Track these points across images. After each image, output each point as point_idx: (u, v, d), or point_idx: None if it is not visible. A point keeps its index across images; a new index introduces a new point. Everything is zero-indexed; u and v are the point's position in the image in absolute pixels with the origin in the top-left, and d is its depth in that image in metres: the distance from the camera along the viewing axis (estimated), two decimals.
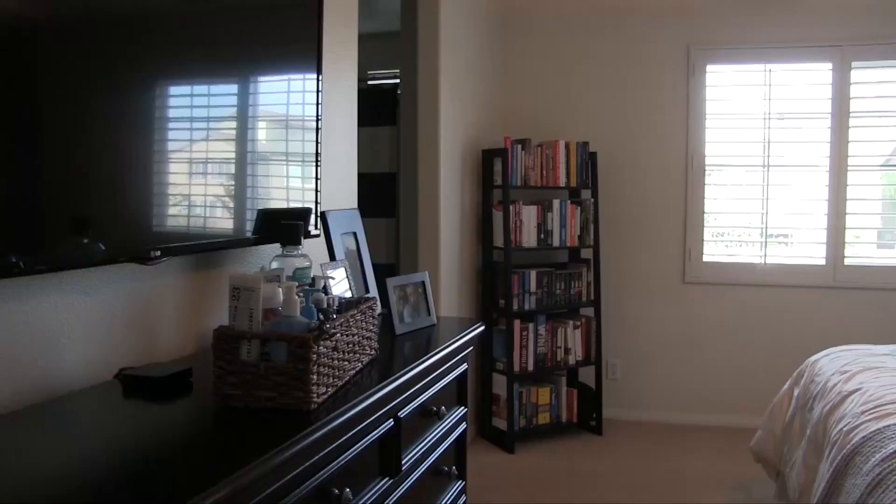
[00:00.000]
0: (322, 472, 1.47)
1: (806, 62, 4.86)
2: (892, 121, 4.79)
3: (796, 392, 3.46)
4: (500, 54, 5.04)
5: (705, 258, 4.97)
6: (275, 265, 1.95)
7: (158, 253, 1.73)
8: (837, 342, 3.76)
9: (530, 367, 4.57)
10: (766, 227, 4.89)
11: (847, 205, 4.79)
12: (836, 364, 3.24)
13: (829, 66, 4.79)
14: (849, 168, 4.78)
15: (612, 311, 4.98)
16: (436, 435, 2.16)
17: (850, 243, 4.89)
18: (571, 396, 4.74)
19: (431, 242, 4.11)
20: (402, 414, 1.88)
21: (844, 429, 2.63)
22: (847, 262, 4.82)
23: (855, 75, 4.77)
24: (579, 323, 4.74)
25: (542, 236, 4.59)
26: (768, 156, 4.82)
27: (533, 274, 4.56)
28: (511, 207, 4.45)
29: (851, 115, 4.77)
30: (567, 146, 4.63)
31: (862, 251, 4.97)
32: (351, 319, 1.74)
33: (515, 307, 4.50)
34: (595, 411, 4.78)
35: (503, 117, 5.03)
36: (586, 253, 4.84)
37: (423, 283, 2.46)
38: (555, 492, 3.91)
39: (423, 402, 2.05)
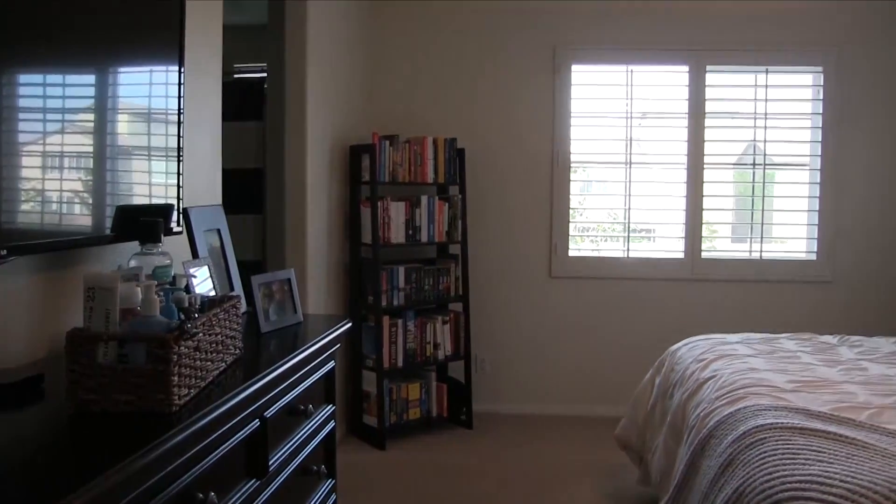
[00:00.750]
0: (185, 476, 1.42)
1: (664, 64, 5.06)
2: (744, 122, 5.05)
3: (657, 381, 3.61)
4: (370, 50, 5.01)
5: (571, 253, 5.10)
6: (133, 263, 1.86)
7: (5, 252, 1.62)
8: (696, 332, 3.93)
9: (400, 363, 4.57)
10: (629, 223, 5.08)
11: (704, 201, 5.03)
12: (693, 353, 3.39)
13: (686, 68, 5.01)
14: (705, 166, 5.01)
15: (481, 305, 5.04)
16: (304, 434, 2.13)
17: (706, 237, 5.15)
18: (441, 391, 4.77)
19: (299, 239, 4.04)
20: (268, 414, 1.84)
21: (701, 414, 2.75)
22: (704, 255, 5.07)
23: (710, 78, 5.01)
24: (448, 318, 4.77)
25: (411, 232, 4.59)
26: (630, 153, 5.00)
27: (401, 270, 4.56)
28: (379, 203, 4.44)
29: (707, 116, 5.01)
30: (435, 142, 4.65)
31: (719, 245, 5.25)
32: (214, 318, 1.69)
33: (384, 303, 4.49)
34: (465, 405, 4.83)
35: (372, 113, 5.00)
36: (454, 248, 4.88)
37: (288, 280, 2.41)
38: (427, 487, 3.92)
39: (289, 401, 2.01)
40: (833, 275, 5.04)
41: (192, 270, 2.14)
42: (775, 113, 5.02)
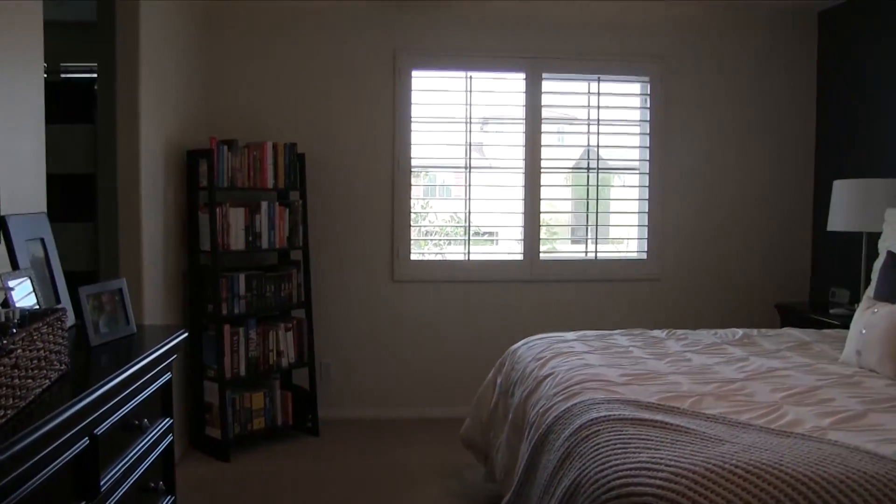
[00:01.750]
0: None
1: (502, 71, 5.19)
2: (579, 128, 5.26)
3: (499, 380, 3.69)
4: (208, 52, 4.86)
5: (414, 256, 5.14)
6: None
7: None
8: (535, 331, 4.06)
9: (242, 373, 4.47)
10: (470, 226, 5.17)
11: (541, 204, 5.20)
12: (532, 352, 3.50)
13: (523, 75, 5.16)
14: (542, 170, 5.18)
15: (324, 311, 5.00)
16: (139, 450, 2.04)
17: (546, 239, 5.32)
18: (286, 399, 4.70)
19: (133, 247, 3.86)
20: (98, 431, 1.75)
21: (540, 410, 2.84)
22: (542, 256, 5.24)
23: (546, 85, 5.18)
24: (291, 325, 4.70)
25: (251, 239, 4.49)
26: (470, 158, 5.09)
27: (242, 277, 4.46)
28: (218, 210, 4.32)
29: (543, 121, 5.18)
30: (275, 147, 4.57)
31: (559, 246, 5.44)
32: (35, 333, 1.59)
33: (225, 312, 4.37)
34: (311, 413, 4.78)
35: (210, 117, 4.86)
36: (296, 254, 4.82)
37: (120, 290, 2.31)
38: (273, 497, 3.84)
39: (123, 417, 1.92)
40: (662, 273, 5.34)
41: (10, 283, 2.00)
42: (608, 119, 5.26)
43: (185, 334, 2.39)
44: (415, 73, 5.07)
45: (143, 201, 3.88)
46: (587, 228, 5.28)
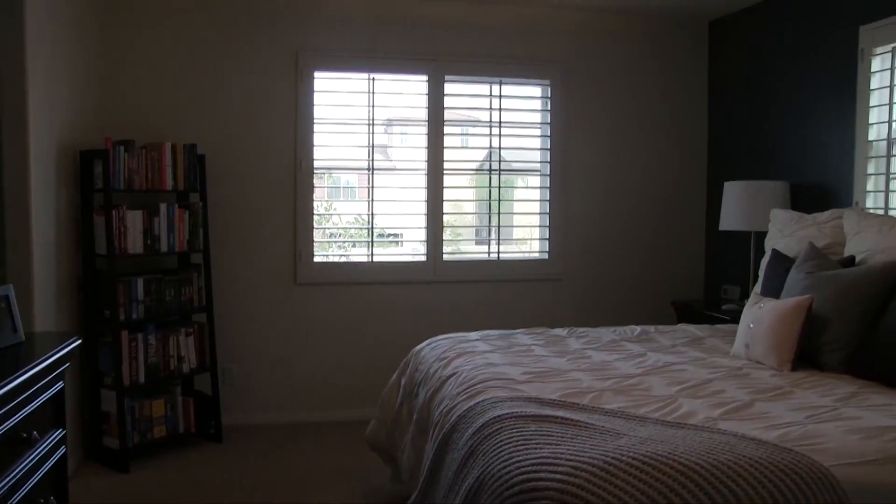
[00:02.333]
0: None
1: (405, 73, 5.20)
2: (482, 130, 5.32)
3: (403, 381, 3.70)
4: (104, 48, 4.68)
5: (316, 259, 5.10)
6: None
7: None
8: (439, 332, 4.07)
9: (142, 380, 4.35)
10: (373, 228, 5.16)
11: (444, 205, 5.23)
12: (436, 352, 3.52)
13: (425, 77, 5.19)
14: (445, 172, 5.22)
15: (226, 315, 4.91)
16: (28, 464, 1.96)
17: (451, 240, 5.37)
18: (188, 406, 4.59)
19: (22, 252, 3.69)
20: None
21: (444, 410, 2.86)
22: (445, 257, 5.27)
23: (448, 88, 5.22)
24: (192, 330, 4.60)
25: (150, 242, 4.37)
26: (372, 160, 5.08)
27: (140, 281, 4.33)
28: (114, 212, 4.19)
29: (446, 123, 5.22)
30: (174, 148, 4.46)
31: (463, 247, 5.49)
32: None
33: (122, 317, 4.25)
34: (213, 419, 4.69)
35: (104, 117, 4.68)
36: (197, 258, 4.71)
37: (6, 297, 2.22)
38: None
39: (9, 429, 1.85)
40: (563, 272, 5.45)
41: None
42: (510, 122, 5.34)
43: (79, 342, 2.32)
44: (317, 74, 5.03)
45: (33, 203, 3.72)
46: (489, 229, 5.35)
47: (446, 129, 5.23)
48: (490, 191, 5.30)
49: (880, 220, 3.51)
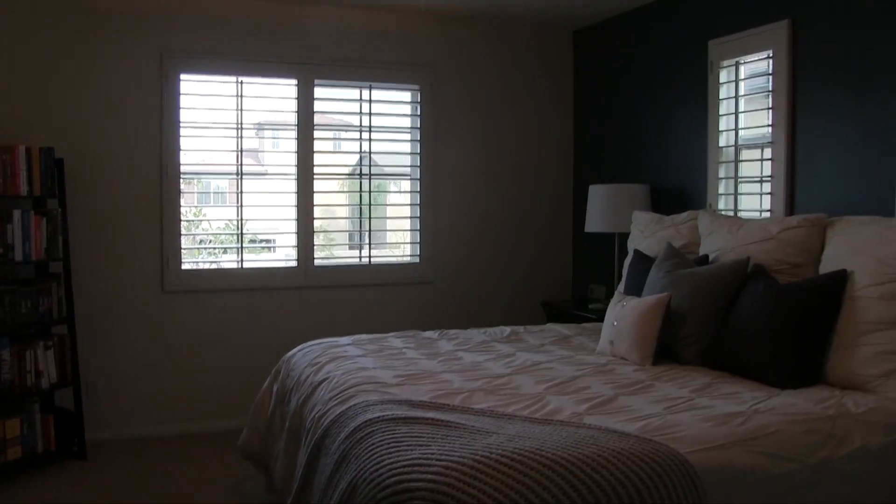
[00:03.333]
0: None
1: (274, 77, 5.12)
2: (353, 135, 5.31)
3: (275, 388, 3.66)
4: None
5: (184, 266, 4.96)
6: None
7: None
8: (312, 337, 4.04)
9: None
10: (242, 233, 5.06)
11: (315, 210, 5.19)
12: (307, 358, 3.49)
13: (295, 81, 5.13)
14: (316, 177, 5.18)
15: (90, 326, 4.70)
16: None
17: (325, 245, 5.33)
18: (48, 423, 4.36)
19: None
20: None
21: (316, 415, 2.85)
22: (317, 262, 5.23)
23: (318, 92, 5.18)
24: (51, 342, 4.38)
25: (2, 251, 4.14)
26: (241, 164, 4.99)
27: None
28: None
29: (316, 128, 5.18)
30: (29, 151, 4.24)
31: (337, 252, 5.45)
32: None
33: None
34: (76, 436, 4.48)
35: None
36: (56, 266, 4.49)
37: None
38: None
39: None
40: (434, 275, 5.51)
41: None
42: (380, 126, 5.36)
43: None
44: (183, 77, 4.90)
45: None
46: (360, 234, 5.35)
47: (318, 134, 5.20)
48: (361, 195, 5.30)
49: (730, 221, 3.73)
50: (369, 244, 5.36)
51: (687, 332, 3.31)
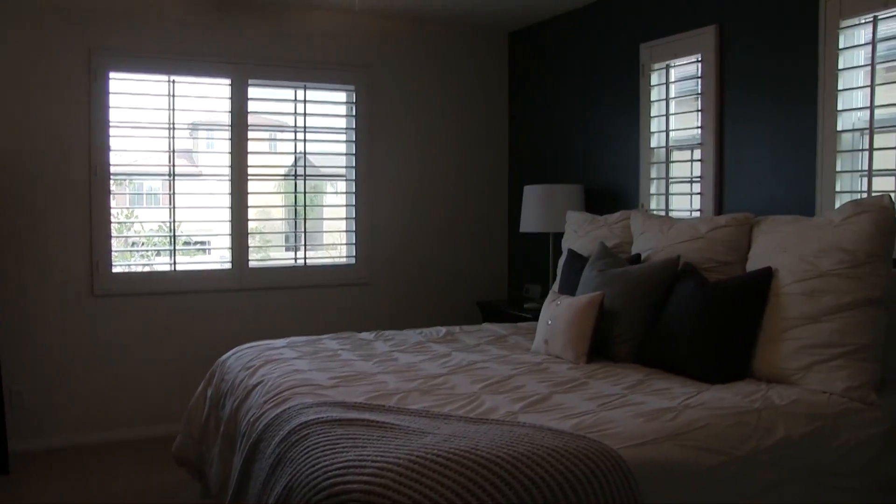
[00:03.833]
0: None
1: (207, 77, 5.03)
2: (288, 136, 5.25)
3: (209, 392, 3.60)
4: None
5: (115, 269, 4.86)
6: None
7: None
8: (247, 340, 4.00)
9: None
10: (175, 235, 4.97)
11: (249, 212, 5.13)
12: (241, 361, 3.45)
13: (228, 81, 5.06)
14: (251, 178, 5.12)
15: (14, 333, 4.56)
16: None
17: (260, 247, 5.27)
18: None
19: None
20: None
21: (250, 419, 2.81)
22: (252, 264, 5.17)
23: (252, 92, 5.12)
24: None
25: None
26: (174, 165, 4.90)
27: None
28: None
29: (251, 128, 5.12)
30: None
31: (273, 254, 5.39)
32: None
33: None
34: None
35: None
36: None
37: None
38: None
39: None
40: (370, 277, 5.49)
41: None
42: (316, 127, 5.33)
43: None
44: (112, 75, 4.78)
45: None
46: (296, 235, 5.31)
47: (253, 135, 5.14)
48: (296, 196, 5.26)
49: (661, 221, 3.80)
50: (304, 245, 5.31)
51: (620, 330, 3.36)
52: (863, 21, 3.39)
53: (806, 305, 2.93)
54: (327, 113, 5.48)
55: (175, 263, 4.97)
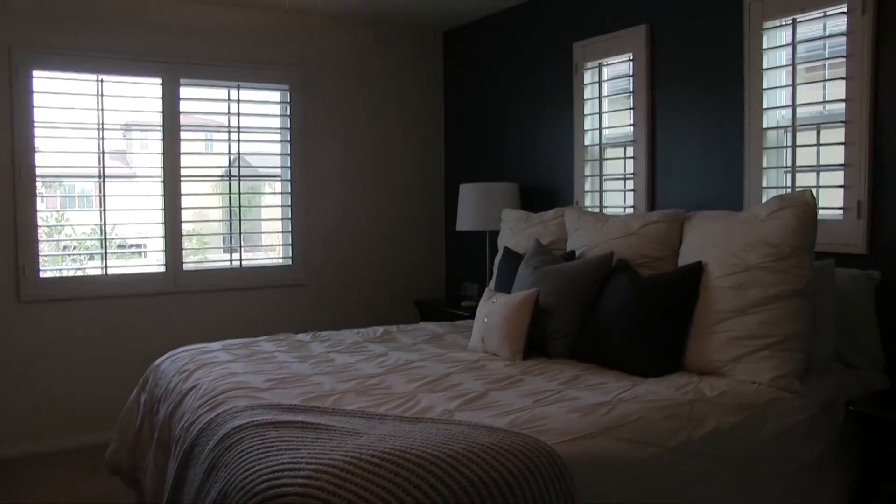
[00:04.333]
0: None
1: (137, 76, 4.93)
2: (223, 136, 5.17)
3: (143, 398, 3.53)
4: None
5: (43, 274, 4.72)
6: None
7: None
8: (182, 344, 3.92)
9: None
10: (106, 239, 4.85)
11: (183, 213, 5.03)
12: (176, 365, 3.39)
13: (160, 80, 4.96)
14: (184, 178, 5.02)
15: None
16: None
17: (197, 249, 5.18)
18: None
19: None
20: None
21: (185, 424, 2.77)
22: (186, 267, 5.08)
23: (184, 91, 5.03)
24: None
25: None
26: (103, 167, 4.79)
27: None
28: None
29: (183, 128, 5.02)
30: None
31: (211, 256, 5.31)
32: None
33: None
34: None
35: None
36: None
37: None
38: None
39: None
40: (307, 278, 5.45)
41: None
42: (250, 127, 5.26)
43: None
44: (36, 74, 4.64)
45: None
46: (230, 237, 5.24)
47: (186, 135, 5.05)
48: (231, 197, 5.19)
49: (595, 217, 3.85)
50: (240, 247, 5.25)
51: (555, 327, 3.39)
52: (783, 23, 3.49)
53: (734, 298, 3.00)
54: (262, 113, 5.43)
55: (107, 267, 4.85)
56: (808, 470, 2.79)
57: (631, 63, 4.25)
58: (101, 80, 4.77)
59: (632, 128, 4.26)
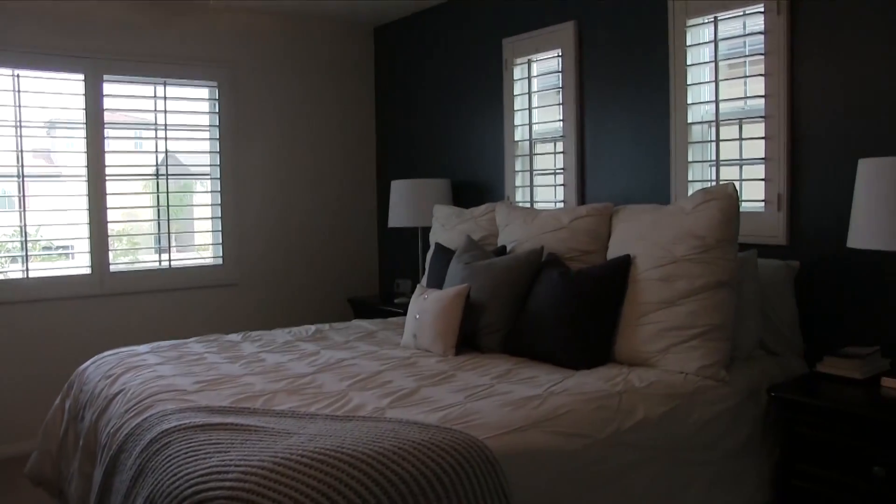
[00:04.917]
0: None
1: (58, 71, 4.78)
2: (149, 133, 5.05)
3: (68, 405, 3.43)
4: None
5: None
6: None
7: None
8: (109, 348, 3.80)
9: None
10: (27, 241, 4.70)
11: (109, 213, 4.90)
12: (102, 369, 3.30)
13: (82, 76, 4.82)
14: (109, 178, 4.89)
15: None
16: None
17: (127, 250, 5.05)
18: None
19: None
20: None
21: (111, 430, 2.70)
22: (113, 268, 4.96)
23: (108, 88, 4.89)
24: None
25: None
26: (22, 166, 4.63)
27: None
28: None
29: (108, 126, 4.89)
30: None
31: (142, 257, 5.18)
32: None
33: None
34: None
35: None
36: None
37: None
38: None
39: None
40: (239, 278, 5.38)
41: None
42: (178, 124, 5.15)
43: None
44: None
45: None
46: (158, 237, 5.13)
47: (111, 133, 4.92)
48: (158, 196, 5.08)
49: (525, 212, 3.88)
50: (169, 247, 5.14)
51: (487, 322, 3.41)
52: (706, 20, 3.56)
53: (662, 290, 3.05)
54: (190, 110, 5.32)
55: (28, 270, 4.70)
56: (734, 455, 2.86)
57: (560, 59, 4.29)
58: (18, 76, 4.61)
59: (561, 123, 4.30)
